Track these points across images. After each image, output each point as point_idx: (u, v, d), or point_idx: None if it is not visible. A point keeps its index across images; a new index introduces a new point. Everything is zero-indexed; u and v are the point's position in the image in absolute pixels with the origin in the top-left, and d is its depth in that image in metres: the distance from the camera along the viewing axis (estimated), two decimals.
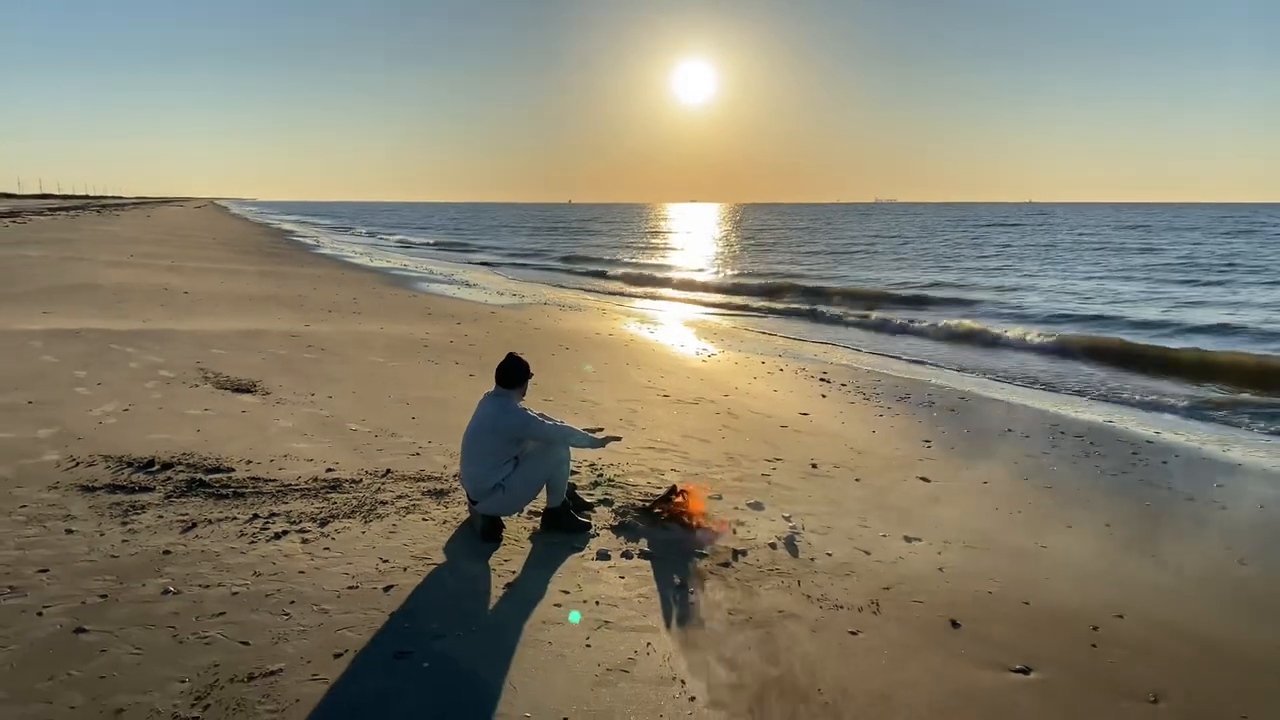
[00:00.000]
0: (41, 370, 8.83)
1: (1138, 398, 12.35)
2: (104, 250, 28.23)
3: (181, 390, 8.45)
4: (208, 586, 4.29)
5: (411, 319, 15.84)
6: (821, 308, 23.77)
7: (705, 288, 30.47)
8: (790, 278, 33.09)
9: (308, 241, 49.19)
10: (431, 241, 59.48)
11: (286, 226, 72.63)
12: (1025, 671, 4.07)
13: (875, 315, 21.98)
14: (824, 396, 10.96)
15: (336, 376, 9.75)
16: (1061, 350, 16.81)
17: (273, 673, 3.56)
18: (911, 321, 20.73)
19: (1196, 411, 11.46)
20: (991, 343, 18.05)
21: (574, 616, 4.16)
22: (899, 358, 16.05)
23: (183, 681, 3.45)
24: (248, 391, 8.64)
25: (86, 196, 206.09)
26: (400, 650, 3.82)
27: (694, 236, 74.53)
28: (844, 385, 11.86)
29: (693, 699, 3.62)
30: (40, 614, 3.89)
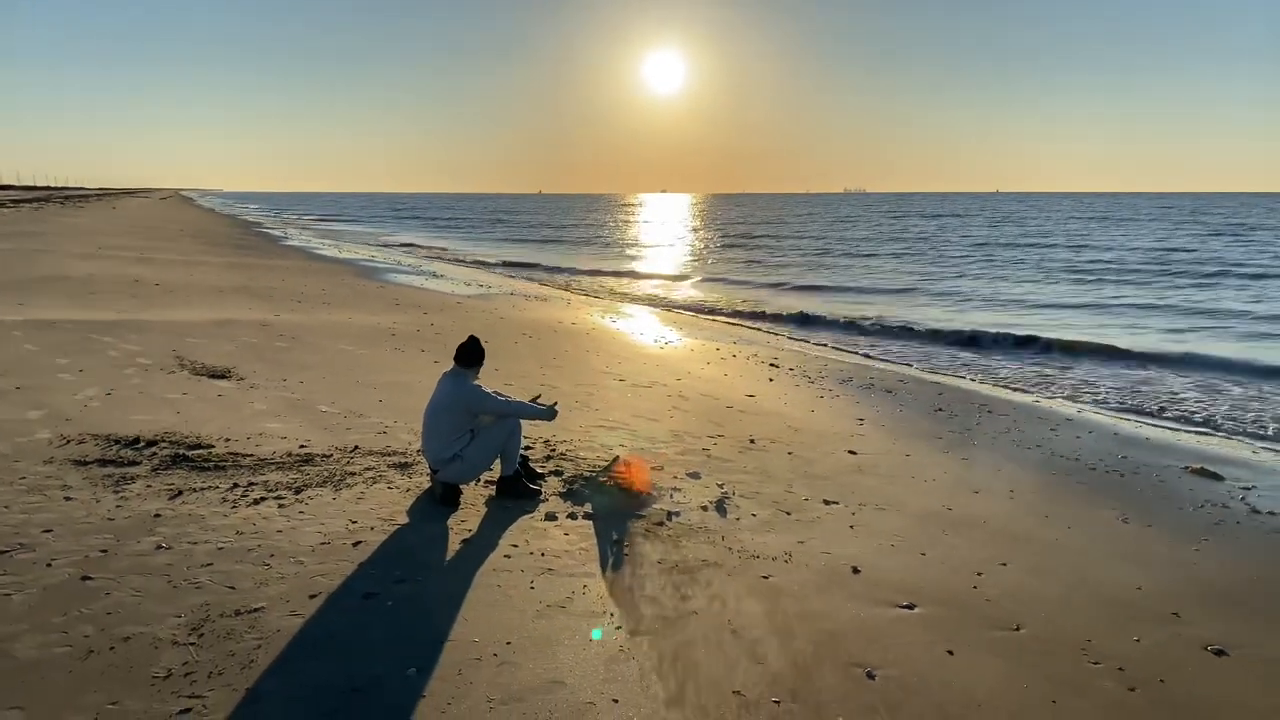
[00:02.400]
0: (24, 358, 9.27)
1: (1068, 381, 13.15)
2: (72, 242, 28.32)
3: (159, 376, 8.93)
4: (196, 543, 4.84)
5: (379, 309, 16.31)
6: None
7: (666, 283, 31.04)
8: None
9: (275, 233, 49.21)
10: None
11: (250, 218, 72.33)
12: (911, 607, 4.74)
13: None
14: (771, 380, 11.63)
15: (307, 363, 10.26)
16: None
17: (256, 610, 4.14)
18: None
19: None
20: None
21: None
22: (854, 351, 16.76)
23: (178, 617, 4.01)
24: (223, 377, 9.13)
25: (48, 188, 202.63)
26: (368, 592, 4.42)
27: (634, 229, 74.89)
28: (791, 370, 12.55)
29: (619, 627, 4.24)
30: (49, 565, 4.43)
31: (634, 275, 34.28)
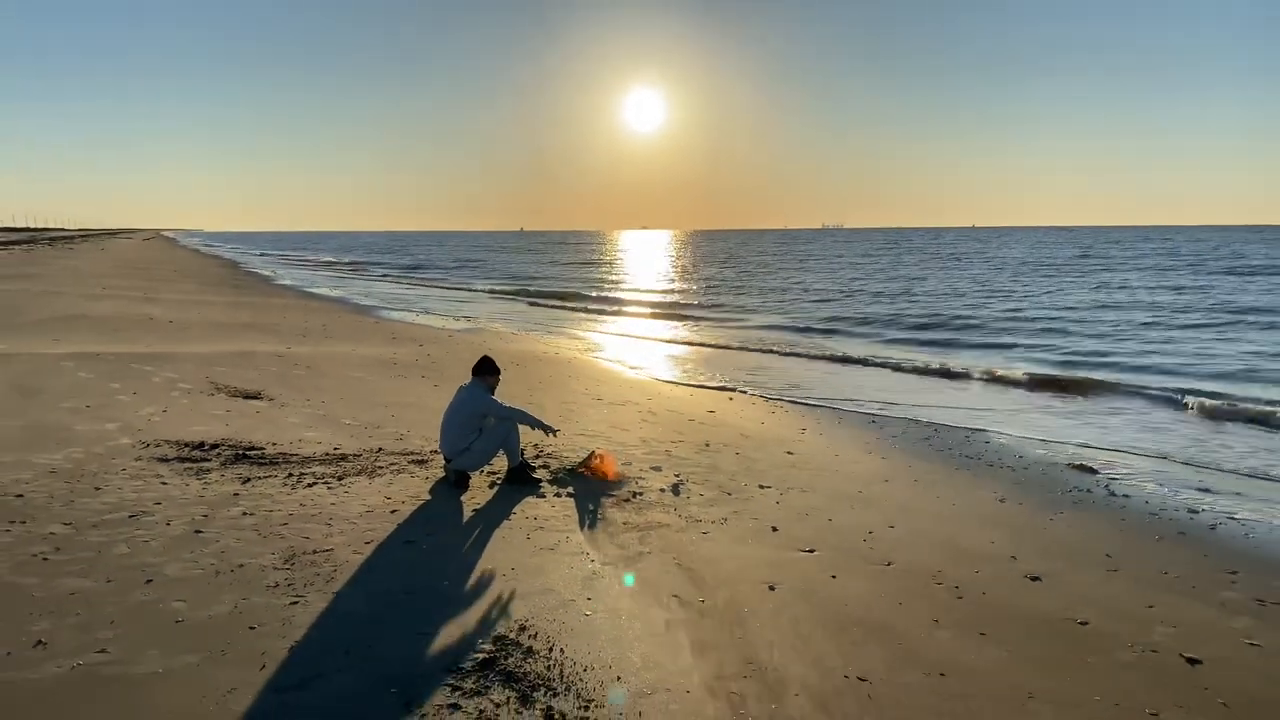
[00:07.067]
0: (83, 384, 10.77)
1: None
2: (75, 284, 29.73)
3: (202, 397, 10.46)
4: (272, 511, 6.39)
5: (379, 342, 17.88)
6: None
7: (643, 310, 32.78)
8: None
9: (266, 273, 50.76)
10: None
11: (235, 258, 73.80)
12: (811, 551, 6.34)
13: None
14: (730, 399, 13.28)
15: (325, 387, 11.81)
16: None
17: (328, 550, 5.69)
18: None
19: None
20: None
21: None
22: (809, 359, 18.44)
23: (274, 554, 5.56)
24: (256, 398, 10.67)
25: (30, 229, 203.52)
26: (408, 540, 5.99)
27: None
28: (750, 390, 14.19)
29: (593, 561, 5.83)
30: (168, 524, 5.96)
31: (614, 309, 36.01)
